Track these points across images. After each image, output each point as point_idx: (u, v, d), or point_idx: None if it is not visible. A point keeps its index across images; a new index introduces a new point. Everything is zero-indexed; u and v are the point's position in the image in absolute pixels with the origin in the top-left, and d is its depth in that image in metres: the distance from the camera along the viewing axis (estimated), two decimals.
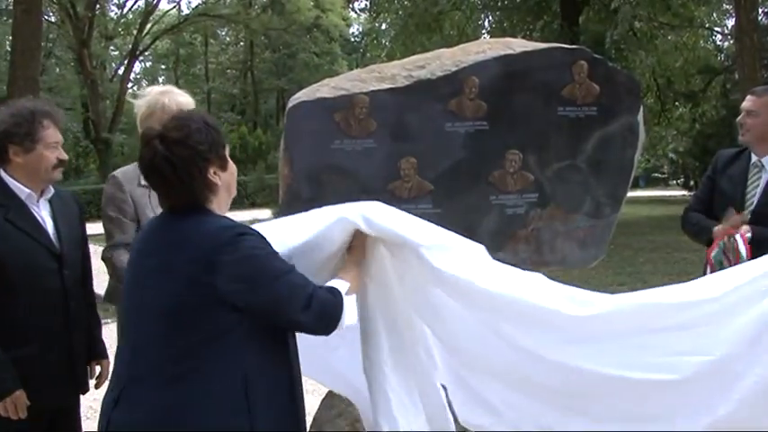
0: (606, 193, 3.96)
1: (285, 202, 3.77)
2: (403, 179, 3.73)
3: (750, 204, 3.81)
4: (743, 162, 3.96)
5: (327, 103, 3.65)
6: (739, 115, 3.95)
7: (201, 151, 2.30)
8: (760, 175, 3.86)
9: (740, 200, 3.84)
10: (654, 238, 16.48)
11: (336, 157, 3.69)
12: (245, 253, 2.22)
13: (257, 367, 2.27)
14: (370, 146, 3.70)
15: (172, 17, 42.32)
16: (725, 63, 25.36)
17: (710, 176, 4.11)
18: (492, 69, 3.75)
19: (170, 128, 2.31)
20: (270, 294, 2.24)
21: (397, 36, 21.64)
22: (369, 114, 3.66)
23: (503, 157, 3.78)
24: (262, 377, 2.27)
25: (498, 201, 3.82)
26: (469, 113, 3.74)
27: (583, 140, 3.88)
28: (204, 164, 2.30)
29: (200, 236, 2.24)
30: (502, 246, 3.85)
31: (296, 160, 3.70)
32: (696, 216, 4.07)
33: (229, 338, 2.23)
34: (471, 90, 3.71)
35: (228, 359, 2.22)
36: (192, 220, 2.30)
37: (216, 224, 2.28)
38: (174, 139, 2.27)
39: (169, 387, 2.19)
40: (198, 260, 2.20)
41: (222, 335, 2.22)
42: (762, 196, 3.81)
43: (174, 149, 2.26)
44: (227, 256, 2.19)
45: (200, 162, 2.29)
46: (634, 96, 4.02)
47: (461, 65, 3.73)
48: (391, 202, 3.72)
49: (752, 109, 3.87)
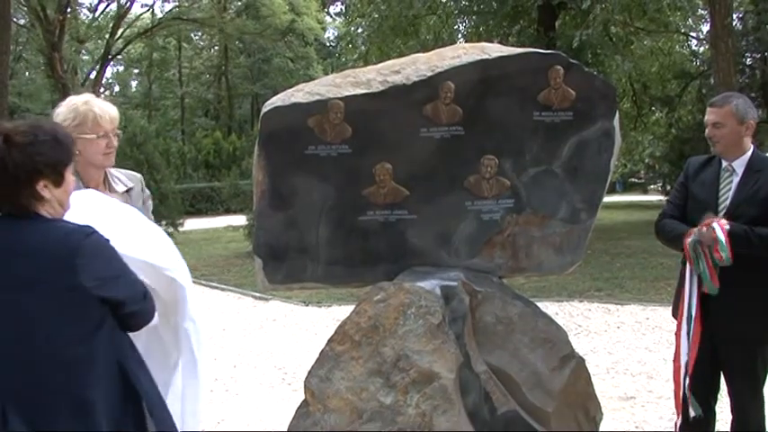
0: (582, 198, 3.98)
1: (259, 208, 3.76)
2: (378, 185, 3.73)
3: (723, 208, 3.92)
4: (714, 167, 4.09)
5: (302, 108, 3.65)
6: (706, 128, 4.05)
7: (37, 162, 2.43)
8: (731, 178, 4.01)
9: (714, 204, 3.96)
10: (631, 243, 16.61)
11: (311, 163, 3.69)
12: (96, 252, 2.46)
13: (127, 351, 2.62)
14: (344, 151, 3.70)
15: (145, 21, 42.10)
16: (700, 68, 25.63)
17: (683, 183, 4.21)
18: (468, 74, 3.75)
19: (18, 131, 2.45)
20: (122, 287, 2.54)
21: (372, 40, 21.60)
22: (343, 120, 3.66)
23: (478, 163, 3.79)
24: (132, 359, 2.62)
25: (474, 206, 3.83)
26: (445, 118, 3.75)
27: (559, 145, 3.89)
28: (35, 175, 2.44)
29: (51, 243, 2.42)
30: (478, 252, 3.86)
31: (270, 166, 3.70)
32: (671, 223, 4.14)
33: (106, 327, 2.51)
34: (447, 95, 3.72)
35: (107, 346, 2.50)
36: (32, 226, 2.46)
37: (62, 230, 2.47)
38: (16, 142, 2.42)
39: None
40: (59, 268, 2.38)
41: (100, 325, 2.48)
42: (734, 197, 3.93)
43: (12, 152, 2.40)
44: (82, 259, 2.39)
45: (31, 171, 2.43)
46: (610, 101, 4.03)
47: (437, 70, 3.73)
48: (366, 208, 3.76)
49: (716, 121, 4.00)
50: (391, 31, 20.97)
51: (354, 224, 3.77)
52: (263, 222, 3.79)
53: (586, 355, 4.37)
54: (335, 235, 3.77)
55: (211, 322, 9.49)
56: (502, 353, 3.65)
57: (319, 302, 10.75)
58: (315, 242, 3.77)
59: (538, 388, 3.65)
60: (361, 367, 3.48)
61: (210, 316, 10.01)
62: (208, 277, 13.66)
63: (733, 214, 3.87)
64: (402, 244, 3.81)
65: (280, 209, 3.74)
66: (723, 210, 3.93)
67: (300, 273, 3.83)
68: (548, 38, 18.82)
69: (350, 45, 23.87)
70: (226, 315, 10.34)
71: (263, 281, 3.88)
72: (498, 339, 3.66)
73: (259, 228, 3.84)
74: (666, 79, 25.82)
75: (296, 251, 3.78)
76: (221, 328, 9.40)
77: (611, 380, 6.59)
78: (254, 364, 7.52)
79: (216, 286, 12.79)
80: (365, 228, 3.78)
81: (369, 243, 3.80)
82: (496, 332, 3.67)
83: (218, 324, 9.59)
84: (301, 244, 3.77)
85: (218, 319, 9.90)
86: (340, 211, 3.75)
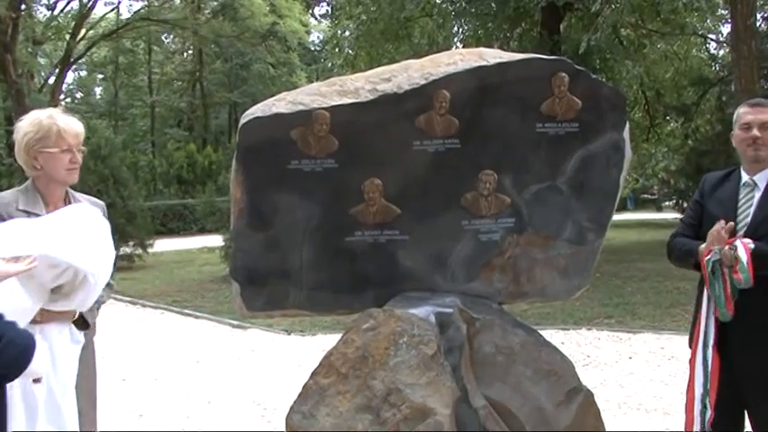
0: (590, 216, 4.00)
1: (237, 227, 3.77)
2: (367, 203, 3.75)
3: (743, 226, 3.87)
4: (733, 182, 4.03)
5: (284, 119, 3.67)
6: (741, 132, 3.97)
7: None
8: (752, 194, 3.92)
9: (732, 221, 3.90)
10: (644, 265, 16.64)
11: (294, 179, 3.71)
12: None
13: None
14: (330, 166, 3.72)
15: (110, 21, 42.07)
16: (720, 73, 25.72)
17: (698, 201, 4.16)
18: (464, 82, 3.78)
19: None
20: None
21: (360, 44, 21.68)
22: (329, 132, 3.69)
23: (476, 179, 3.82)
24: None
25: (471, 226, 3.85)
26: (440, 130, 3.78)
27: (563, 159, 3.92)
28: None
29: None
30: (476, 275, 3.88)
31: (249, 182, 3.71)
32: (683, 240, 4.11)
33: None
34: (441, 105, 3.75)
35: None
36: None
37: None
38: None
39: None
40: None
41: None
42: (756, 214, 3.88)
43: None
44: None
45: None
46: (620, 111, 4.05)
47: (431, 77, 3.76)
48: (354, 228, 3.77)
49: (766, 120, 3.89)
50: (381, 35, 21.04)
51: (341, 245, 3.79)
52: (242, 243, 3.80)
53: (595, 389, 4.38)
54: (320, 257, 3.79)
55: (185, 352, 9.45)
56: (502, 386, 3.66)
57: (303, 331, 10.73)
58: (298, 265, 3.78)
59: (542, 425, 3.65)
60: (348, 402, 3.48)
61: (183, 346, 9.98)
62: (180, 303, 13.62)
63: (754, 233, 3.82)
64: (393, 267, 3.83)
65: (259, 229, 3.76)
66: (743, 228, 3.88)
67: (282, 299, 3.84)
68: (552, 42, 18.89)
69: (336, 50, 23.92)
70: (200, 345, 10.31)
71: (241, 307, 3.89)
72: (498, 371, 3.68)
73: (237, 249, 3.85)
74: (682, 86, 25.91)
75: (277, 275, 3.79)
76: (195, 359, 9.37)
77: (624, 416, 6.59)
78: (230, 400, 7.49)
79: (189, 314, 12.74)
80: (353, 249, 3.80)
81: (357, 266, 3.82)
82: (496, 363, 3.68)
83: (191, 355, 9.56)
84: (283, 267, 3.79)
85: (191, 350, 9.87)
86: (325, 231, 3.77)
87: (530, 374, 3.69)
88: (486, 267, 3.90)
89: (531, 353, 3.71)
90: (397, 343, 3.50)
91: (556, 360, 3.78)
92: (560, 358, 3.81)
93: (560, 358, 3.81)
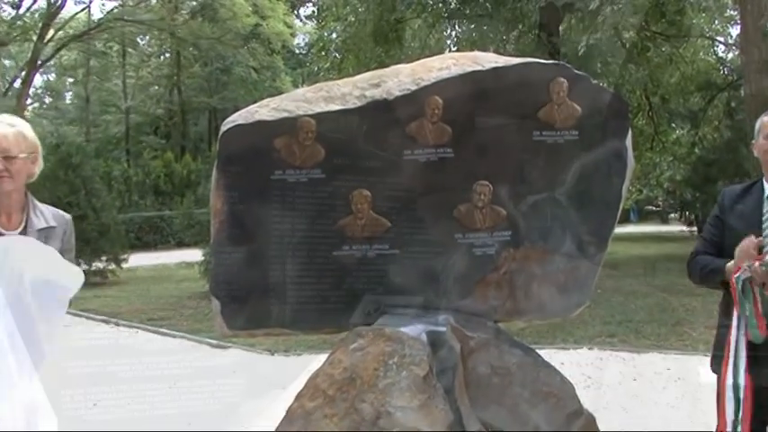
0: (590, 229, 4.01)
1: (217, 241, 3.77)
2: (355, 215, 3.76)
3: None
4: (754, 196, 3.98)
5: (267, 126, 3.68)
6: (754, 137, 3.98)
7: None
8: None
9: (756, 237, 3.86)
10: (648, 280, 16.65)
11: (278, 190, 3.71)
12: None
13: None
14: (316, 177, 3.73)
15: (81, 22, 41.91)
16: (728, 78, 25.82)
17: (717, 216, 4.11)
18: (457, 88, 3.80)
19: None
20: None
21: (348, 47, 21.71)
22: (315, 140, 3.70)
23: (470, 190, 3.83)
24: None
25: (465, 239, 3.86)
26: (432, 139, 3.79)
27: (563, 169, 3.93)
28: None
29: None
30: (470, 292, 3.89)
31: (230, 193, 3.72)
32: (705, 258, 4.07)
33: None
34: (434, 112, 3.76)
35: None
36: None
37: None
38: None
39: None
40: None
41: None
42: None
43: None
44: None
45: None
46: (622, 118, 4.07)
47: (422, 83, 3.78)
48: (342, 242, 3.78)
49: None
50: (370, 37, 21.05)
51: (328, 260, 3.79)
52: (222, 258, 3.81)
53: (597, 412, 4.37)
54: (306, 273, 3.79)
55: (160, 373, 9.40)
56: (498, 409, 3.67)
57: (287, 351, 10.70)
58: (281, 281, 3.79)
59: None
60: (335, 426, 3.48)
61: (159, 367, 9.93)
62: (156, 322, 13.54)
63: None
64: (382, 283, 3.83)
65: (241, 242, 3.76)
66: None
67: (265, 317, 3.85)
68: (550, 44, 18.97)
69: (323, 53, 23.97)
70: (177, 366, 10.26)
71: (222, 326, 3.89)
72: (494, 393, 3.68)
73: (217, 264, 3.85)
74: (688, 91, 25.98)
75: (260, 292, 3.80)
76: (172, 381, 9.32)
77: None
78: (210, 424, 7.46)
79: (166, 333, 12.67)
80: (340, 264, 3.80)
81: (344, 282, 3.82)
82: (492, 385, 3.69)
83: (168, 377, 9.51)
84: (266, 283, 3.79)
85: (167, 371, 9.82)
86: (311, 245, 3.78)
87: (527, 397, 3.69)
88: (481, 283, 3.91)
89: (528, 374, 3.72)
90: (386, 364, 3.51)
91: (555, 381, 3.79)
92: (560, 380, 3.82)
93: (560, 380, 3.82)
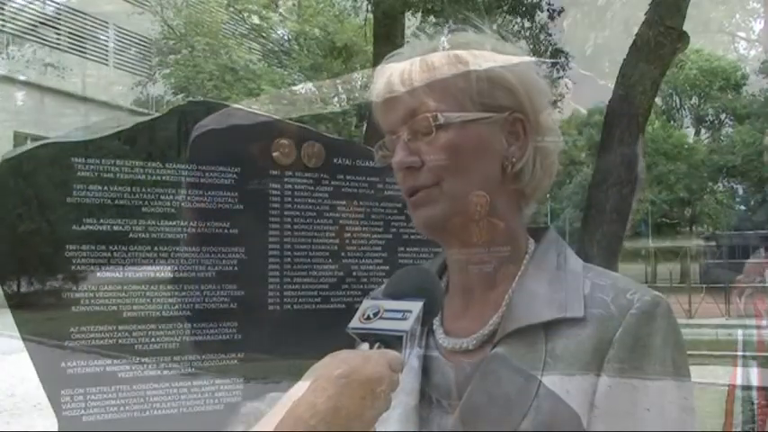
0: (598, 242, 4.03)
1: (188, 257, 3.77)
2: None
3: None
4: None
5: (243, 131, 3.69)
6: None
7: None
8: None
9: None
10: None
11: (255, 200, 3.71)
12: None
13: None
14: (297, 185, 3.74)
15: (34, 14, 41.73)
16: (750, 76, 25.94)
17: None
18: None
19: None
20: None
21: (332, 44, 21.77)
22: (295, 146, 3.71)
23: None
24: None
25: None
26: None
27: (566, 178, 3.96)
28: None
29: None
30: None
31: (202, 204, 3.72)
32: None
33: None
34: None
35: None
36: None
37: None
38: None
39: None
40: None
41: None
42: None
43: None
44: None
45: None
46: (632, 122, 4.09)
47: None
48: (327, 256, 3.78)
49: None
50: None
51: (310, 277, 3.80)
52: (193, 275, 3.81)
53: None
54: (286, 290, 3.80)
55: None
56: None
57: (265, 378, 10.67)
58: (259, 300, 3.79)
59: None
60: None
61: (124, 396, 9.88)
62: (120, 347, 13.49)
63: None
64: None
65: (214, 258, 3.76)
66: None
67: (240, 339, 3.84)
68: None
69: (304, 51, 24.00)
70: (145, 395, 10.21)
71: (193, 350, 3.88)
72: (492, 424, 3.68)
73: (187, 282, 3.85)
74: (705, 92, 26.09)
75: (235, 312, 3.80)
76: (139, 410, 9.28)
77: None
78: None
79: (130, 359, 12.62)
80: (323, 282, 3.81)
81: (328, 301, 3.83)
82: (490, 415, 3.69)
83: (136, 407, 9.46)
84: (242, 302, 3.79)
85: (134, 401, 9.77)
86: (292, 260, 3.78)
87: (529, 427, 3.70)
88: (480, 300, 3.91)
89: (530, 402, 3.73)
90: (374, 392, 3.50)
91: (559, 410, 3.79)
92: (564, 409, 3.83)
93: (564, 409, 3.83)
